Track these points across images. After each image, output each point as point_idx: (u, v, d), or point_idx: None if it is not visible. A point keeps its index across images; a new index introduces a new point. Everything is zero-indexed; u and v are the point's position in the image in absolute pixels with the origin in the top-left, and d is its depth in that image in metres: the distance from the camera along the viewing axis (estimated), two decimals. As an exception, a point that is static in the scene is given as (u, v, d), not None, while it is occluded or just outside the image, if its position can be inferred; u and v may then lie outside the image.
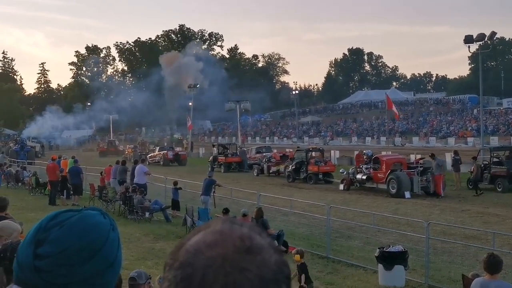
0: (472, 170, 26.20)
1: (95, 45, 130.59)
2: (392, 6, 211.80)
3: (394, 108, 46.53)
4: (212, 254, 0.94)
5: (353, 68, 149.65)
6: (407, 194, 24.43)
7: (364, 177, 27.18)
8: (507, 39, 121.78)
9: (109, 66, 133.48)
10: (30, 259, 1.28)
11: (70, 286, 1.27)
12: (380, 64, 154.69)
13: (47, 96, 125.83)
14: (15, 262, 1.32)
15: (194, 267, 0.94)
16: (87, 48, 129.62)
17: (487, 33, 36.41)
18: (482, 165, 27.04)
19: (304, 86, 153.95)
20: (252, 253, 0.95)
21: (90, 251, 1.29)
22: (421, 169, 25.44)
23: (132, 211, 19.70)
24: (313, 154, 33.55)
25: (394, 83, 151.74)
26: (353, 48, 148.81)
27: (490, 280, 6.36)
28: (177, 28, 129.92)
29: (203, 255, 0.95)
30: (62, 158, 28.72)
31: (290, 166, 33.15)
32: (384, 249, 11.70)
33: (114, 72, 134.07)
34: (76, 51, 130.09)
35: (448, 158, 30.12)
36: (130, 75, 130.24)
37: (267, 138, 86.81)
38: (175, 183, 21.33)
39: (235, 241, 0.96)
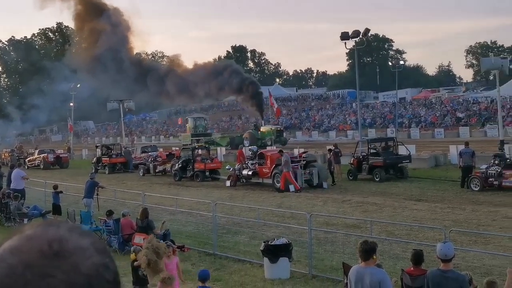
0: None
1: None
2: (274, 3, 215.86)
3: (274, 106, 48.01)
4: (14, 261, 0.86)
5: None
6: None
7: (250, 173, 27.52)
8: (381, 36, 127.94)
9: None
10: None
11: None
12: (263, 61, 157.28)
13: None
14: None
15: None
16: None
17: (362, 30, 38.01)
18: (361, 157, 28.35)
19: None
20: (60, 257, 0.87)
21: None
22: (304, 162, 26.20)
23: (10, 218, 18.80)
24: (199, 151, 33.52)
25: (277, 80, 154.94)
26: (237, 45, 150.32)
27: (365, 266, 6.61)
28: (55, 26, 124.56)
29: (5, 262, 0.86)
30: None
31: (177, 164, 32.91)
32: (269, 243, 11.90)
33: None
34: None
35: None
36: (4, 75, 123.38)
37: (153, 137, 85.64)
38: (55, 187, 20.42)
39: (42, 246, 0.88)
